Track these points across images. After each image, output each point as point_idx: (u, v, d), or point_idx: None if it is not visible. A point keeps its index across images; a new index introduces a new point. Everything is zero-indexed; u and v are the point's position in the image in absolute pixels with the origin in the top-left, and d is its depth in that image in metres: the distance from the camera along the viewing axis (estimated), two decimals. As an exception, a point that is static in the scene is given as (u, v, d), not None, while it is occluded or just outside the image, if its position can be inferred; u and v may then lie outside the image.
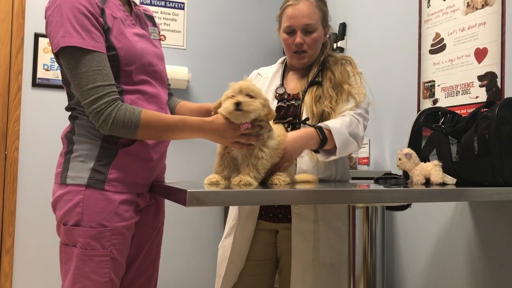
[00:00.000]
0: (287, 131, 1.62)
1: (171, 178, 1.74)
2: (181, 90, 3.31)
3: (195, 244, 3.42)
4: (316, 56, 1.82)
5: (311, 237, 1.71)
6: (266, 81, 1.87)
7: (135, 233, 1.54)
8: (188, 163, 3.27)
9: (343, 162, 1.82)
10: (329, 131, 1.59)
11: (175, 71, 3.18)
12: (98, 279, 1.38)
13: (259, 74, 1.92)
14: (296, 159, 1.60)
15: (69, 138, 1.49)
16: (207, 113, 1.62)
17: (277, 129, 1.51)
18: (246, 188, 1.31)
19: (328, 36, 1.84)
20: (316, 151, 1.63)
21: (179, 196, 1.18)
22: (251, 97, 1.38)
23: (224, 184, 1.41)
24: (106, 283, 1.40)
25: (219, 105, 1.42)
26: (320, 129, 1.60)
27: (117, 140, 1.45)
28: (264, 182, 1.45)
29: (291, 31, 1.75)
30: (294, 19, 1.73)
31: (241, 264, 1.78)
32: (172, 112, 1.73)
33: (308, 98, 1.73)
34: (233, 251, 1.77)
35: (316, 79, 1.77)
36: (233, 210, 1.85)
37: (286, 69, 1.89)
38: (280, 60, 1.94)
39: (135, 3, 1.61)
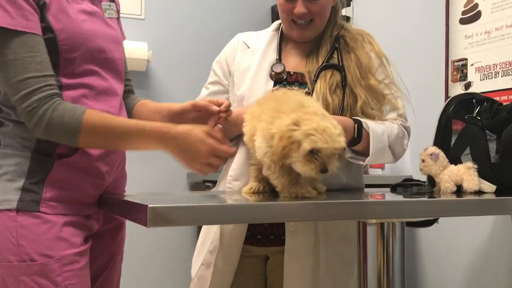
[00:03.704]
0: None
1: (130, 188, 1.74)
2: (139, 73, 3.30)
3: (161, 271, 3.42)
4: (324, 26, 1.80)
5: (310, 264, 1.71)
6: (257, 54, 1.83)
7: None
8: (150, 170, 3.27)
9: (358, 165, 1.81)
10: (367, 133, 1.64)
11: (131, 49, 3.15)
12: None
13: (245, 44, 1.88)
14: None
15: None
16: (175, 117, 1.62)
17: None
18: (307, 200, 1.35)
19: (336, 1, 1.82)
20: None
21: (138, 213, 1.18)
22: None
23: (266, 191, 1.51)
24: None
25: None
26: (359, 124, 1.64)
27: (52, 151, 1.44)
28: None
29: None
30: None
31: (222, 301, 1.79)
32: (129, 115, 1.71)
33: (321, 86, 1.71)
34: (214, 284, 1.77)
35: (331, 61, 1.76)
36: (210, 230, 1.83)
37: (283, 39, 1.86)
38: (274, 26, 1.91)
39: None
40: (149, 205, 1.11)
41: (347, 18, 3.10)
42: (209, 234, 1.82)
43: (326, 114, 1.40)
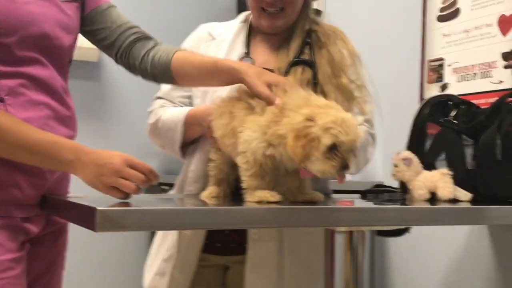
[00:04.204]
0: None
1: (77, 189, 1.65)
2: (90, 63, 3.23)
3: (109, 281, 3.38)
4: (295, 17, 1.79)
5: (273, 274, 1.70)
6: (223, 46, 1.82)
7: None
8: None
9: None
10: None
11: (81, 37, 3.11)
12: None
13: (211, 34, 1.86)
14: None
15: None
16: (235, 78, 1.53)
17: None
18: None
19: None
20: None
21: (86, 217, 1.15)
22: None
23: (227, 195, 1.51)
24: None
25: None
26: None
27: None
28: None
29: None
30: None
31: (177, 314, 1.79)
32: (166, 72, 1.62)
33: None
34: None
35: (302, 57, 1.76)
36: (165, 236, 1.82)
37: (251, 31, 1.85)
38: (242, 17, 1.90)
39: None
40: (98, 208, 1.09)
41: (319, 12, 3.10)
42: (165, 241, 1.81)
43: (339, 106, 1.37)
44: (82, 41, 1.72)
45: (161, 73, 1.63)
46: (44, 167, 1.44)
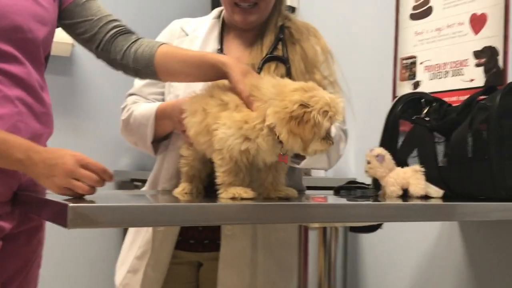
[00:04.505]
0: None
1: None
2: (63, 58, 3.17)
3: (82, 278, 3.35)
4: (268, 14, 1.79)
5: (246, 271, 1.70)
6: (196, 42, 1.81)
7: None
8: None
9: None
10: None
11: (56, 31, 3.08)
12: None
13: (183, 30, 1.85)
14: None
15: None
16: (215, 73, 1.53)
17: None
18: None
19: None
20: None
21: (57, 213, 1.15)
22: None
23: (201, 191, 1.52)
24: None
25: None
26: None
27: None
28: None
29: None
30: None
31: (150, 311, 1.78)
32: (149, 67, 1.60)
33: None
34: None
35: (275, 53, 1.76)
36: (138, 233, 1.81)
37: (224, 27, 1.85)
38: (215, 13, 1.89)
39: None
40: (70, 204, 1.08)
41: (293, 9, 3.10)
42: (137, 238, 1.80)
43: (315, 85, 1.40)
44: (55, 36, 1.70)
45: (144, 67, 1.60)
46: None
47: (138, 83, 1.84)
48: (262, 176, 1.45)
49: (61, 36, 3.35)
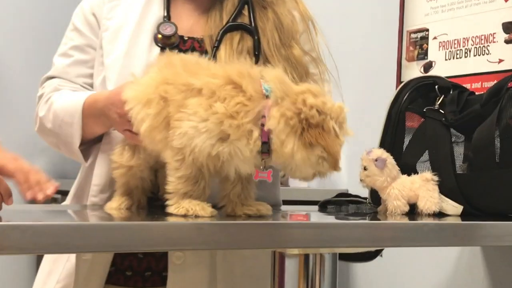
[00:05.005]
0: None
1: None
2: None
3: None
4: None
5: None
6: (135, 8, 1.77)
7: None
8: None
9: (274, 173, 1.72)
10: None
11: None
12: None
13: None
14: None
15: None
16: None
17: None
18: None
19: None
20: None
21: None
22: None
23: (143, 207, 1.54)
24: None
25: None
26: None
27: None
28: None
29: None
30: None
31: None
32: None
33: (226, 53, 1.70)
34: None
35: (240, 20, 1.72)
36: (56, 262, 1.73)
37: None
38: None
39: None
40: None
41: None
42: (55, 268, 1.74)
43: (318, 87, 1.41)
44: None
45: None
46: None
47: (60, 61, 1.81)
48: (227, 186, 1.42)
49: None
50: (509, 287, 2.11)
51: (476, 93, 1.78)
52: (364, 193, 1.74)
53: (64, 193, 1.89)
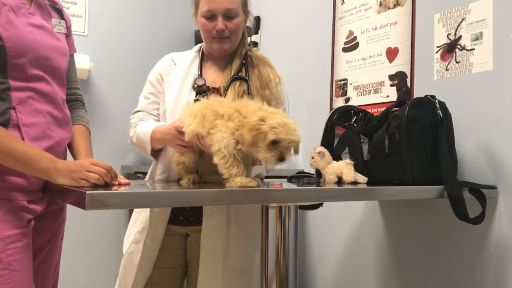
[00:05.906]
0: None
1: None
2: (82, 81, 3.10)
3: (97, 249, 3.28)
4: (237, 45, 1.79)
5: (222, 240, 1.69)
6: (182, 69, 1.79)
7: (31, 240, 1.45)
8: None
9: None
10: None
11: (75, 59, 3.02)
12: None
13: (173, 61, 1.83)
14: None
15: None
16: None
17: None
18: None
19: (246, 25, 1.82)
20: None
21: (77, 198, 1.13)
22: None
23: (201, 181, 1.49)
24: None
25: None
26: None
27: None
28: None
29: (211, 16, 1.70)
30: (214, 3, 1.68)
31: (149, 272, 1.73)
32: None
33: (231, 94, 1.69)
34: (143, 259, 1.71)
35: (240, 74, 1.75)
36: (139, 213, 1.78)
37: (203, 58, 1.83)
38: (196, 48, 1.88)
39: None
40: (87, 192, 1.07)
41: (256, 44, 3.10)
42: (139, 216, 1.78)
43: (285, 114, 1.40)
44: (76, 63, 1.70)
45: None
46: (27, 173, 1.37)
47: (143, 101, 1.81)
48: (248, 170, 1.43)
49: (80, 63, 3.30)
50: (394, 224, 2.11)
51: (374, 114, 1.84)
52: (312, 171, 1.77)
53: (144, 174, 1.93)
